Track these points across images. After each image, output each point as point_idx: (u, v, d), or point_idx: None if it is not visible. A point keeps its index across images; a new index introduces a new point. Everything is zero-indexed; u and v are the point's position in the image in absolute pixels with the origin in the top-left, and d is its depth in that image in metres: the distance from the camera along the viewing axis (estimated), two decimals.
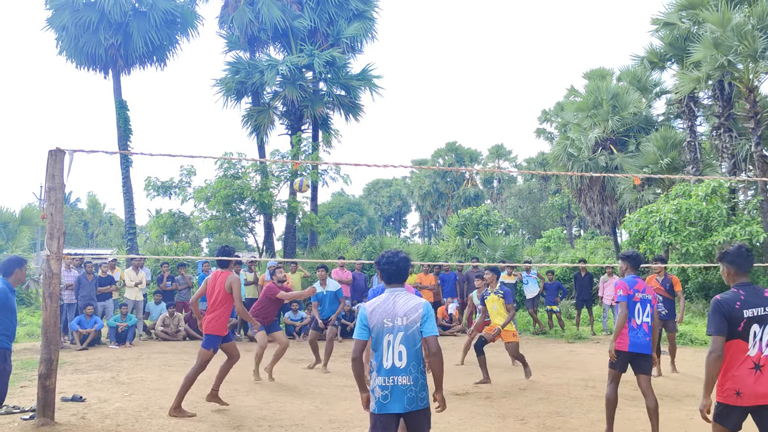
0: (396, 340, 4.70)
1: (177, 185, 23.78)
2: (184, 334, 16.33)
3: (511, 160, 66.73)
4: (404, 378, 4.67)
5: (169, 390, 9.69)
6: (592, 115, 31.46)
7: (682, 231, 20.95)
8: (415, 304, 4.82)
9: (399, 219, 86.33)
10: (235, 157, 21.52)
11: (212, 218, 23.55)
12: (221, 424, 7.61)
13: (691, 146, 25.84)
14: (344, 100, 28.13)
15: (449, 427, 7.56)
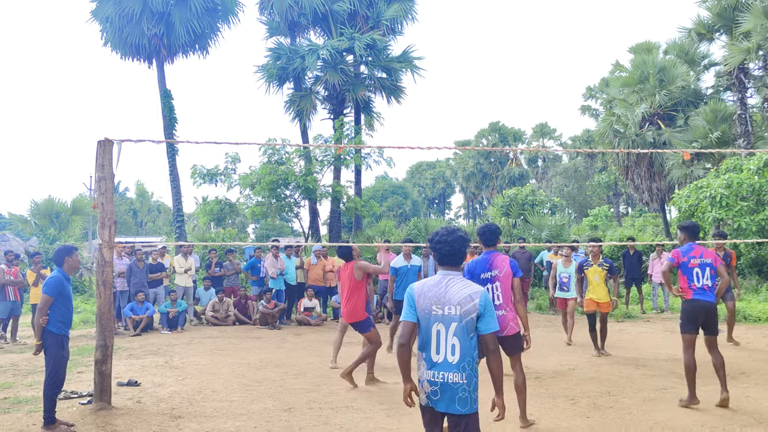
0: (449, 331, 4.13)
1: (222, 172, 24.04)
2: (234, 319, 16.56)
3: (555, 138, 65.97)
4: (456, 375, 4.11)
5: (220, 373, 9.86)
6: (638, 90, 30.84)
7: (733, 206, 20.46)
8: (471, 292, 4.17)
9: (443, 201, 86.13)
10: (279, 143, 21.66)
11: (258, 204, 23.77)
12: (273, 407, 7.71)
13: (742, 119, 25.20)
14: (385, 83, 28.05)
15: None
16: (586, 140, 53.61)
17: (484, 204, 72.21)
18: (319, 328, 15.79)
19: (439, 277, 4.31)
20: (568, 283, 12.91)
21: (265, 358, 11.35)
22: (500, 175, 65.40)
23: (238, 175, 24.00)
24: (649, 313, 17.58)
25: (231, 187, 24.09)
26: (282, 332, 15.15)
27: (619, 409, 7.44)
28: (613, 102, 33.82)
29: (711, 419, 6.90)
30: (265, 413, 7.45)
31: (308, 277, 17.22)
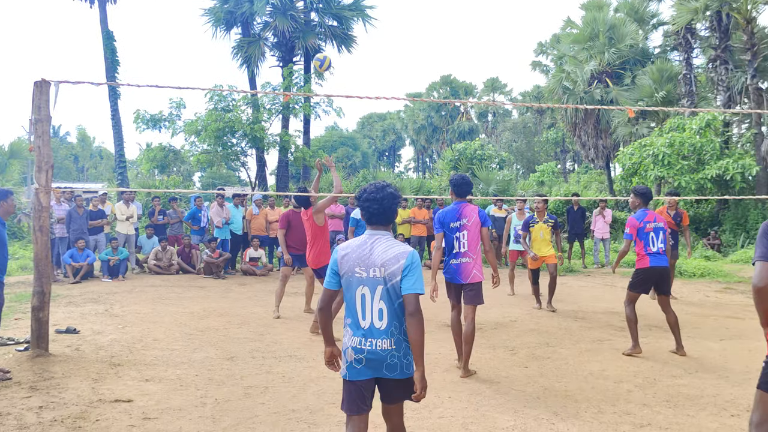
0: (375, 295, 3.79)
1: (167, 118, 23.53)
2: (177, 268, 16.38)
3: (506, 93, 66.18)
4: (384, 341, 3.78)
5: (162, 322, 9.77)
6: (588, 48, 31.05)
7: (675, 165, 20.93)
8: (398, 252, 3.79)
9: (393, 153, 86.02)
10: (226, 89, 21.25)
11: (203, 152, 23.40)
12: (215, 356, 7.68)
13: (687, 79, 25.60)
14: (336, 31, 27.64)
15: (440, 357, 7.65)
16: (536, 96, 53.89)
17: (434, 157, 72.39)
18: (264, 279, 15.74)
19: (365, 237, 3.93)
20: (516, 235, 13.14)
21: (209, 307, 11.28)
22: (450, 128, 65.44)
23: (183, 122, 23.53)
24: (590, 268, 17.98)
25: (175, 133, 23.63)
26: (226, 282, 15.05)
27: (556, 359, 7.62)
28: (563, 58, 33.99)
29: (643, 369, 7.12)
30: (207, 362, 7.42)
31: (251, 227, 17.08)
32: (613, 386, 6.46)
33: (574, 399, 6.02)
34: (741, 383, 6.53)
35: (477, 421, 5.39)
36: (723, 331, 9.33)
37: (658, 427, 5.25)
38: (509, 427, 5.23)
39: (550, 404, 5.85)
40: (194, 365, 7.26)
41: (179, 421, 5.42)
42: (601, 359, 7.63)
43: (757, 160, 21.37)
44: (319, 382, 6.56)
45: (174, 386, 6.44)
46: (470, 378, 6.77)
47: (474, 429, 5.20)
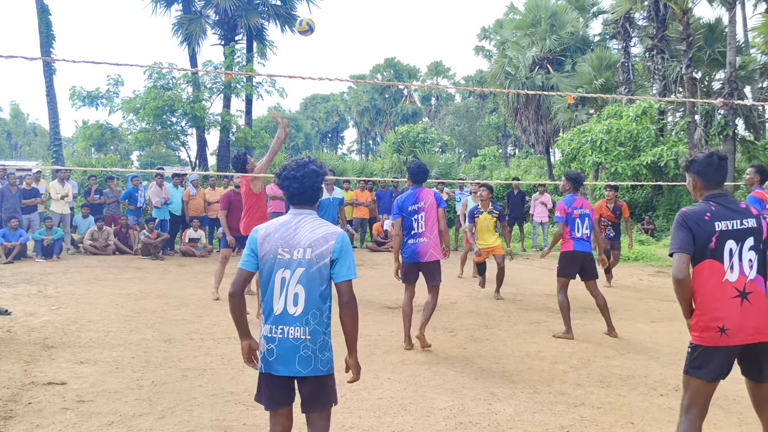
0: (293, 278, 3.46)
1: (104, 95, 22.93)
2: (114, 248, 16.04)
3: (449, 77, 66.50)
4: (297, 329, 3.43)
5: (98, 304, 9.57)
6: (530, 34, 31.40)
7: (612, 151, 21.39)
8: (327, 233, 3.52)
9: (336, 135, 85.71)
10: (166, 67, 20.78)
11: (142, 130, 22.89)
12: (152, 338, 7.57)
13: (625, 67, 26.15)
14: (280, 10, 27.30)
15: (380, 339, 7.70)
16: (478, 80, 54.30)
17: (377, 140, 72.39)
18: (204, 260, 15.54)
19: (289, 216, 3.63)
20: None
21: (146, 288, 11.09)
22: (394, 111, 65.53)
23: (121, 99, 22.95)
24: (529, 251, 18.29)
25: (113, 111, 23.03)
26: (165, 263, 14.82)
27: (494, 341, 7.75)
28: (506, 44, 34.31)
29: (578, 351, 7.30)
30: (144, 344, 7.31)
31: (188, 207, 16.80)
32: (549, 367, 6.60)
33: (511, 380, 6.13)
34: (670, 364, 6.75)
35: (416, 402, 5.45)
36: (654, 313, 9.61)
37: (591, 406, 5.39)
38: (447, 408, 5.30)
39: (488, 385, 5.95)
40: (131, 347, 7.15)
41: (115, 404, 5.33)
42: (538, 341, 7.79)
43: (690, 148, 21.99)
44: None
45: (110, 368, 6.33)
46: (410, 360, 6.83)
47: (413, 410, 5.25)
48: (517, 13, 35.10)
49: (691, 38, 22.96)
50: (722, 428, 4.92)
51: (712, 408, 5.30)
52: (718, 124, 22.05)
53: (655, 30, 24.48)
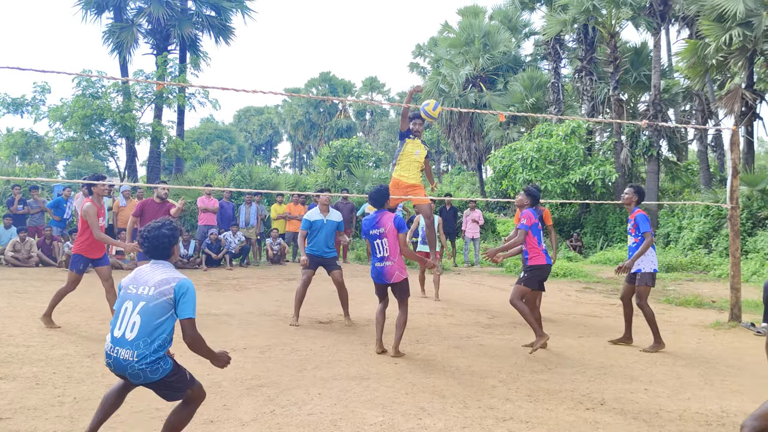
0: (135, 309, 4.16)
1: (29, 103, 22.26)
2: (37, 260, 15.53)
3: (384, 93, 66.95)
4: (128, 352, 4.08)
5: (18, 317, 9.23)
6: (464, 52, 31.88)
7: (542, 169, 21.85)
8: (170, 277, 4.25)
9: (270, 148, 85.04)
10: (95, 75, 20.31)
11: (69, 140, 22.28)
12: (75, 353, 7.32)
13: (555, 87, 26.80)
14: (214, 21, 27.04)
15: (311, 354, 7.64)
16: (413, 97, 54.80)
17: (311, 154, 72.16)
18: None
19: (150, 265, 4.43)
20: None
21: (70, 302, 10.73)
22: (328, 125, 65.47)
23: (48, 107, 22.32)
24: (461, 267, 18.47)
25: (39, 119, 22.42)
26: (90, 276, 14.35)
27: (425, 355, 7.77)
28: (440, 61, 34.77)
29: (506, 365, 7.38)
30: (66, 359, 7.07)
31: (118, 219, 16.42)
32: (479, 382, 6.66)
33: (441, 394, 6.16)
34: (596, 378, 6.90)
35: (346, 417, 5.41)
36: (582, 329, 9.82)
37: (520, 420, 5.45)
38: (377, 423, 5.28)
39: (418, 400, 5.95)
40: (52, 363, 6.90)
41: (34, 421, 5.13)
42: (468, 355, 7.85)
43: (616, 168, 22.67)
44: None
45: (29, 384, 6.09)
46: (340, 375, 6.79)
47: (342, 425, 5.22)
48: (451, 32, 35.63)
49: (618, 61, 23.73)
50: None
51: (635, 421, 5.45)
52: (643, 145, 22.79)
53: (583, 52, 25.20)
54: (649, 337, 8.61)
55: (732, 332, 9.70)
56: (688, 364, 7.68)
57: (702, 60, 20.71)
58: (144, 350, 4.07)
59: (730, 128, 10.48)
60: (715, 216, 19.50)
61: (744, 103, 19.85)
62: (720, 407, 5.96)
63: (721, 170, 26.47)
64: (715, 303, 12.42)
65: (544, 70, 30.80)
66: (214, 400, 5.81)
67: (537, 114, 18.13)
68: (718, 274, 16.70)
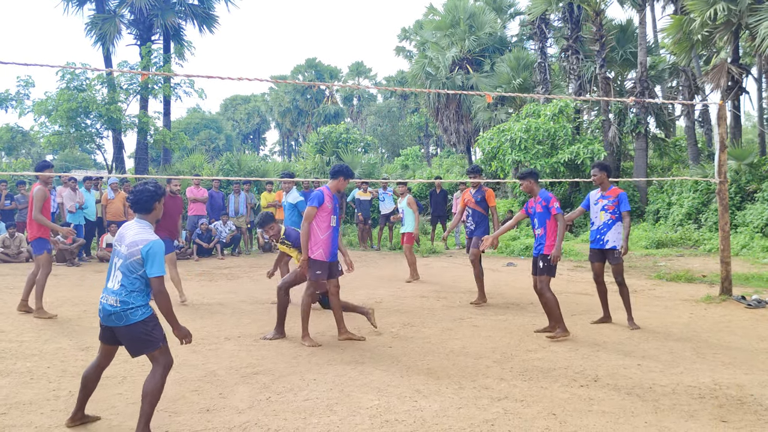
0: (117, 264, 4.77)
1: (14, 97, 22.09)
2: (27, 255, 15.44)
3: (371, 78, 66.71)
4: (112, 299, 4.70)
5: (10, 313, 9.19)
6: (449, 35, 31.79)
7: (531, 149, 21.85)
8: (139, 239, 4.72)
9: (258, 136, 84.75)
10: (79, 67, 20.15)
11: (55, 133, 22.11)
12: (69, 347, 7.30)
13: (542, 67, 26.75)
14: (197, 10, 26.84)
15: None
16: (399, 81, 54.65)
17: (300, 141, 71.94)
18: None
19: (133, 221, 4.96)
20: (403, 218, 13.13)
21: (62, 296, 10.73)
22: (316, 112, 65.23)
23: (32, 101, 22.14)
24: (452, 249, 18.50)
25: (24, 113, 22.25)
26: (81, 269, 14.37)
27: (419, 338, 7.80)
28: (426, 45, 34.66)
29: (500, 345, 7.42)
30: (60, 353, 7.06)
31: (107, 211, 16.34)
32: (473, 362, 6.69)
33: (436, 376, 6.18)
34: (589, 356, 6.94)
35: (342, 401, 5.43)
36: (573, 307, 9.87)
37: (514, 399, 5.48)
38: (373, 407, 5.30)
39: (413, 382, 5.98)
40: (46, 357, 6.89)
41: (29, 416, 5.12)
42: (461, 337, 7.88)
43: (604, 146, 22.70)
44: (180, 369, 6.38)
45: (24, 379, 6.08)
46: (335, 360, 6.80)
47: (338, 410, 5.23)
48: (436, 14, 35.48)
49: (604, 39, 23.71)
50: (640, 415, 5.08)
51: (628, 396, 5.50)
52: (630, 122, 22.82)
53: (569, 31, 25.16)
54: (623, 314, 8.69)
55: (723, 306, 9.77)
56: (680, 338, 7.74)
57: (687, 35, 20.71)
58: (125, 297, 4.67)
59: (717, 103, 10.50)
60: (703, 191, 19.58)
61: (730, 77, 19.87)
62: (712, 380, 6.01)
63: (708, 145, 26.55)
64: (705, 277, 12.49)
65: (530, 51, 30.76)
66: (210, 388, 5.81)
67: (524, 94, 18.14)
68: (708, 249, 16.80)
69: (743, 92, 20.97)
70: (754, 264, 14.24)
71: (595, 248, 8.66)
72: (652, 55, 25.78)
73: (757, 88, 24.55)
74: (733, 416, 5.07)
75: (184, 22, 27.34)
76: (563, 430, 4.80)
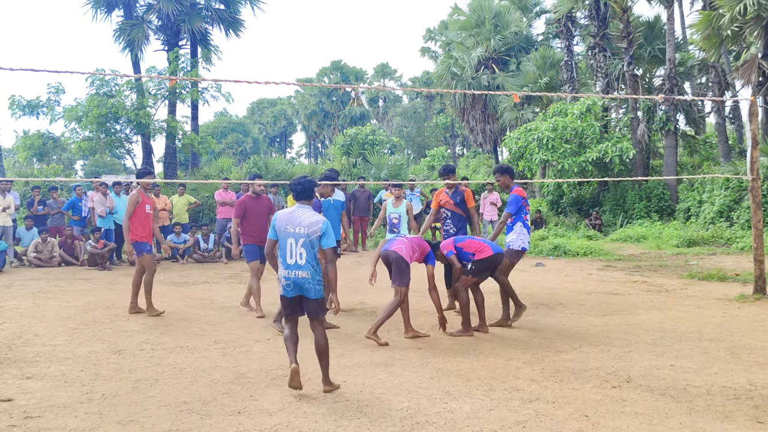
0: (298, 243, 5.79)
1: (45, 104, 22.43)
2: (59, 260, 15.66)
3: (396, 79, 66.71)
4: (303, 272, 5.77)
5: (45, 317, 9.31)
6: (475, 34, 31.67)
7: (558, 148, 21.70)
8: (318, 219, 5.87)
9: (284, 139, 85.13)
10: (109, 74, 20.41)
11: (85, 139, 22.41)
12: (101, 350, 7.39)
13: (568, 66, 26.56)
14: (224, 15, 27.03)
15: (335, 342, 7.63)
16: (425, 82, 54.60)
17: (326, 143, 72.18)
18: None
19: (295, 207, 6.01)
20: (398, 224, 11.96)
21: (94, 300, 10.85)
22: (342, 114, 65.40)
23: (63, 108, 22.46)
24: None
25: (54, 120, 22.58)
26: (112, 273, 14.53)
27: (449, 339, 7.76)
28: (451, 45, 34.58)
29: (531, 346, 7.36)
30: (93, 356, 7.14)
31: None
32: (504, 364, 6.65)
33: (466, 378, 6.15)
34: (621, 356, 6.86)
35: (372, 404, 5.42)
36: (605, 307, 9.76)
37: (546, 401, 5.44)
38: (404, 408, 5.29)
39: (444, 384, 5.96)
40: (79, 360, 6.97)
41: (64, 419, 5.18)
42: (491, 338, 7.84)
43: (633, 144, 22.46)
44: (212, 372, 6.43)
45: (58, 383, 6.15)
46: (364, 362, 6.80)
47: (369, 412, 5.23)
48: (461, 14, 35.39)
49: (632, 36, 23.47)
50: (674, 416, 5.01)
51: (662, 397, 5.42)
52: (660, 120, 22.57)
53: (596, 28, 24.94)
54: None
55: (757, 305, 9.61)
56: (714, 338, 7.62)
57: (716, 31, 20.43)
58: (313, 272, 5.80)
59: (748, 99, 10.34)
60: (735, 188, 19.29)
61: (761, 72, 19.57)
62: (748, 380, 5.91)
63: (739, 142, 26.17)
64: (738, 276, 12.30)
65: (556, 49, 30.53)
66: (240, 391, 5.84)
67: (551, 93, 18.01)
68: (741, 247, 16.55)
69: None
70: None
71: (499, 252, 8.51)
72: (681, 52, 25.47)
73: None
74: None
75: (210, 27, 27.54)
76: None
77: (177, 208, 17.54)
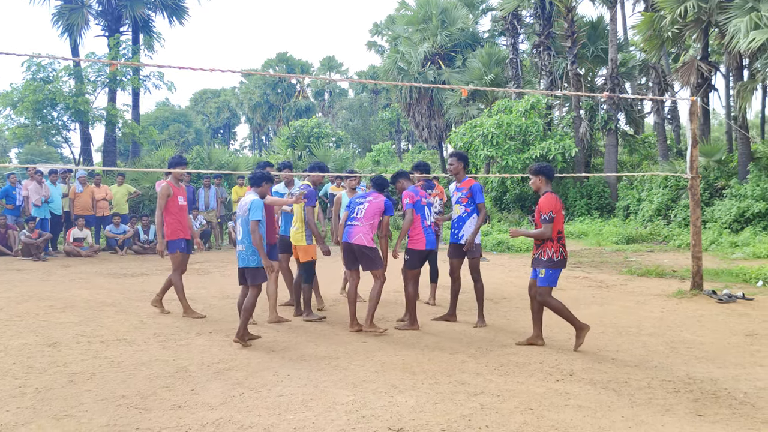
0: (238, 222, 7.29)
1: None
2: None
3: (342, 72, 66.43)
4: (240, 246, 7.35)
5: None
6: (422, 30, 31.74)
7: (503, 145, 21.91)
8: (249, 200, 7.25)
9: (228, 131, 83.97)
10: (45, 56, 19.70)
11: (20, 126, 21.67)
12: (35, 342, 7.12)
13: (513, 63, 26.84)
14: (167, 1, 26.43)
15: (278, 336, 7.55)
16: (371, 76, 54.46)
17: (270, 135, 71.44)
18: (90, 260, 14.89)
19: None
20: None
21: (28, 291, 10.49)
22: (287, 106, 64.76)
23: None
24: None
25: None
26: (48, 264, 14.09)
27: (394, 334, 7.73)
28: (398, 39, 34.57)
29: (476, 340, 7.39)
30: (26, 349, 6.88)
31: (74, 205, 16.09)
32: (449, 357, 6.64)
33: (412, 371, 6.12)
34: (563, 350, 6.93)
35: (317, 397, 5.35)
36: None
37: (491, 394, 5.44)
38: (348, 402, 5.23)
39: (389, 377, 5.91)
40: (11, 353, 6.70)
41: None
42: (436, 332, 7.84)
43: (576, 142, 22.84)
44: (151, 365, 6.25)
45: None
46: (309, 356, 6.71)
47: (314, 406, 5.15)
48: (408, 9, 35.43)
49: (576, 36, 23.85)
50: (616, 409, 5.07)
51: (604, 391, 5.48)
52: (601, 119, 22.99)
53: (541, 27, 25.27)
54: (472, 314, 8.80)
55: (694, 300, 9.84)
56: (653, 333, 7.77)
57: (658, 33, 20.88)
58: (248, 244, 7.32)
59: (690, 99, 10.56)
60: (673, 187, 19.78)
61: (700, 74, 20.08)
62: (687, 374, 6.02)
63: (677, 142, 26.85)
64: (676, 272, 12.60)
65: (502, 46, 30.82)
66: (181, 384, 5.69)
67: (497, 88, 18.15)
68: (677, 244, 16.97)
69: (712, 89, 21.22)
70: (723, 259, 14.41)
71: (453, 243, 8.44)
72: (623, 52, 25.99)
73: (726, 86, 24.88)
74: (708, 410, 5.08)
75: (153, 14, 26.90)
76: (541, 424, 4.77)
77: (116, 198, 17.12)
